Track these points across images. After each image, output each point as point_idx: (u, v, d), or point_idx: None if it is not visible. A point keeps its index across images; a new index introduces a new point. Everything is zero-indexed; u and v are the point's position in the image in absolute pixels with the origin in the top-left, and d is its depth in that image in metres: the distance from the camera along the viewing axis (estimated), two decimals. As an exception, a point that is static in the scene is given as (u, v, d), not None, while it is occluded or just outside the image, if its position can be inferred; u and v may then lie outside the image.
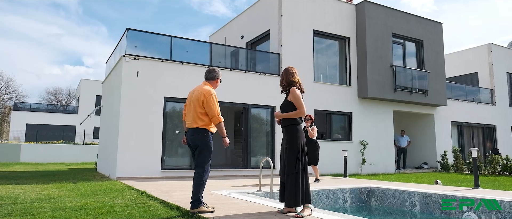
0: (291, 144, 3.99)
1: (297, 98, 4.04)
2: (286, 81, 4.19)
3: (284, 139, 4.13)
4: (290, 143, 4.00)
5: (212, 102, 4.12)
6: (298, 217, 3.84)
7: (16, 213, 4.13)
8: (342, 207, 6.61)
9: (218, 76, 4.41)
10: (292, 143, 3.99)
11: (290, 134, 4.03)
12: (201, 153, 4.08)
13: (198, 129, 4.10)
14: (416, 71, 13.84)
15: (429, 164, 14.66)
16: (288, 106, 4.09)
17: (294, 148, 3.97)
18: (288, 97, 4.11)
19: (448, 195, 5.87)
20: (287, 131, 4.06)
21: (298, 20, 11.96)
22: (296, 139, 4.00)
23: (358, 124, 12.69)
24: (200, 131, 4.09)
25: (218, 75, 4.43)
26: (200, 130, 4.09)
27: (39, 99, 47.87)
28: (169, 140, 9.60)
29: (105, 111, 12.32)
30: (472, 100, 16.61)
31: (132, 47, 9.61)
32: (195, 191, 4.00)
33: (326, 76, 12.95)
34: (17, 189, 6.46)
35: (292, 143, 3.99)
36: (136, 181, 8.04)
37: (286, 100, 4.15)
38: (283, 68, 4.33)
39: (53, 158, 18.38)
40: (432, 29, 14.58)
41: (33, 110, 32.93)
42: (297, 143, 3.98)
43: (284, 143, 4.11)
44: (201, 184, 4.02)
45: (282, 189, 4.09)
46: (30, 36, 68.25)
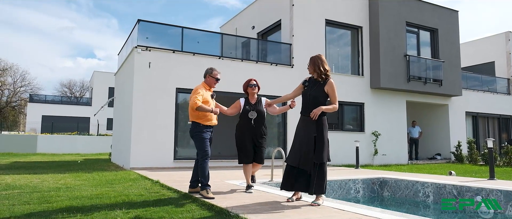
0: (323, 133, 3.98)
1: (334, 92, 4.05)
2: (321, 69, 4.05)
3: (310, 129, 3.99)
4: (322, 133, 3.98)
5: (194, 94, 4.51)
6: (314, 205, 3.88)
7: (34, 201, 4.25)
8: (354, 198, 6.59)
9: (207, 73, 4.76)
10: (324, 132, 4.00)
11: (322, 124, 4.01)
12: (195, 143, 4.60)
13: (192, 122, 4.60)
14: (431, 61, 13.57)
15: (443, 155, 14.46)
16: (322, 97, 4.03)
17: (325, 138, 4.01)
18: (325, 87, 4.02)
19: (463, 186, 5.79)
20: (318, 121, 3.98)
21: (310, 9, 11.82)
22: (326, 129, 4.07)
23: (371, 115, 12.56)
24: (192, 124, 4.60)
25: (208, 73, 4.76)
26: (193, 123, 4.60)
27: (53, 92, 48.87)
28: (181, 131, 9.69)
29: (118, 102, 12.49)
30: (487, 90, 16.23)
31: (144, 39, 9.67)
32: (194, 173, 4.73)
33: (338, 66, 12.82)
34: (35, 178, 6.64)
35: (324, 133, 4.00)
36: (149, 171, 8.17)
37: (320, 90, 4.03)
38: (313, 55, 4.18)
39: (69, 149, 18.79)
40: (447, 18, 14.23)
41: (48, 102, 33.61)
42: (327, 133, 4.06)
43: (309, 133, 3.99)
44: (200, 168, 4.50)
45: (294, 178, 4.03)
46: (42, 30, 69.42)
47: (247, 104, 5.01)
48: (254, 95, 5.08)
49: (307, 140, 3.98)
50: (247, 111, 4.94)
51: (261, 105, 5.02)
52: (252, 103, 5.02)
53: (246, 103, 5.02)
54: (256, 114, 4.91)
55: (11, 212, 3.62)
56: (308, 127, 4.01)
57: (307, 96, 4.11)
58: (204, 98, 4.52)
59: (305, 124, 4.05)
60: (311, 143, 3.95)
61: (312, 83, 4.14)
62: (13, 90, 39.97)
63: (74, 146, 19.14)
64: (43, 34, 70.31)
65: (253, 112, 4.90)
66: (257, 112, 4.93)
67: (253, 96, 5.07)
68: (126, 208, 3.88)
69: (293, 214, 3.51)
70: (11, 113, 39.65)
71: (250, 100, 5.04)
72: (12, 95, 40.08)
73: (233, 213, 3.43)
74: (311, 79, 4.19)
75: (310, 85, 4.14)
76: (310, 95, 4.07)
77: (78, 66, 75.68)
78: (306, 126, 4.03)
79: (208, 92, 4.67)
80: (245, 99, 5.08)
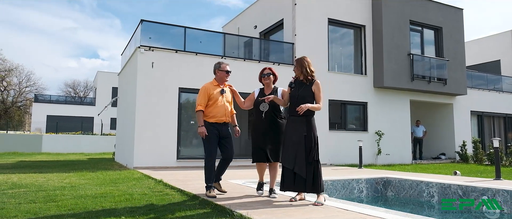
0: (313, 133, 4.09)
1: (320, 92, 4.19)
2: (308, 71, 4.18)
3: (300, 129, 4.08)
4: (312, 132, 4.09)
5: (198, 95, 4.54)
6: (317, 205, 3.87)
7: (40, 200, 4.28)
8: (357, 197, 6.57)
9: (215, 68, 4.68)
10: (313, 132, 4.11)
11: (311, 124, 4.14)
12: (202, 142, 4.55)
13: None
14: (435, 60, 13.49)
15: (447, 154, 14.37)
16: (310, 96, 4.14)
17: (315, 137, 4.10)
18: (313, 88, 4.16)
19: (468, 186, 5.75)
20: (308, 121, 4.10)
21: (312, 8, 11.79)
22: (315, 129, 4.17)
23: (374, 114, 12.51)
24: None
25: (216, 68, 4.68)
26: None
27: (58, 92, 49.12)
28: (184, 130, 9.71)
29: (122, 102, 12.54)
30: (493, 89, 16.11)
31: (147, 39, 9.69)
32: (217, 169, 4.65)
33: (341, 65, 12.77)
34: (40, 177, 6.69)
35: (314, 132, 4.11)
36: (152, 170, 8.19)
37: (308, 90, 4.15)
38: (298, 57, 4.32)
39: (73, 148, 18.90)
40: (452, 16, 14.14)
41: (53, 102, 33.84)
42: (316, 132, 4.15)
43: (299, 132, 4.07)
44: (204, 169, 4.47)
45: (292, 178, 4.05)
46: (46, 31, 69.82)
47: (260, 95, 4.55)
48: (270, 85, 4.58)
49: (298, 140, 4.05)
50: (259, 102, 4.47)
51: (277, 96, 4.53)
52: (266, 94, 4.55)
53: (260, 94, 4.58)
54: (268, 106, 4.39)
55: (17, 211, 3.65)
56: (298, 127, 4.10)
57: (295, 97, 4.19)
58: (211, 97, 4.48)
59: (294, 124, 4.13)
60: (301, 142, 4.04)
61: (298, 85, 4.23)
62: (18, 91, 40.28)
63: (78, 145, 19.25)
64: (47, 34, 70.81)
65: (264, 104, 4.40)
66: (270, 104, 4.41)
67: (269, 87, 4.58)
68: (129, 207, 3.90)
69: (296, 213, 3.51)
70: (16, 112, 39.95)
71: (265, 91, 4.58)
72: (18, 96, 40.38)
73: (236, 212, 3.43)
74: (297, 81, 4.28)
75: (297, 87, 4.23)
76: (299, 96, 4.15)
77: (81, 66, 76.13)
78: (295, 126, 4.12)
79: (217, 89, 4.56)
80: (260, 90, 4.65)
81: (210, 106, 4.50)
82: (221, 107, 4.51)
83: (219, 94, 4.55)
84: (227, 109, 4.59)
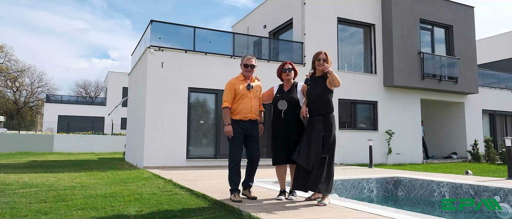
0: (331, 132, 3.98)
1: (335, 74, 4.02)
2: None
3: (318, 128, 3.97)
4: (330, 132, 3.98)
5: (224, 91, 4.32)
6: (320, 205, 3.84)
7: (51, 200, 4.33)
8: (367, 197, 6.50)
9: (241, 63, 4.41)
10: (332, 131, 4.00)
11: (330, 122, 4.01)
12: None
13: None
14: (445, 58, 13.29)
15: (459, 154, 14.15)
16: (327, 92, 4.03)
17: (333, 137, 4.00)
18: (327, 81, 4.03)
19: (480, 186, 5.65)
20: (326, 120, 3.99)
21: (322, 8, 11.72)
22: (334, 127, 4.03)
23: (384, 113, 12.39)
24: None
25: (241, 62, 4.42)
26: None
27: (69, 92, 49.85)
28: (193, 130, 9.75)
29: (132, 102, 12.65)
30: (505, 87, 15.81)
31: (157, 39, 9.76)
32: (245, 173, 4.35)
33: (351, 64, 12.68)
34: (51, 177, 6.78)
35: (332, 132, 4.00)
36: (162, 170, 8.24)
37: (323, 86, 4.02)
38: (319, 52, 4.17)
39: (84, 148, 19.14)
40: (462, 14, 13.91)
41: (64, 102, 34.32)
42: (334, 131, 4.03)
43: (317, 132, 3.96)
44: (229, 171, 4.21)
45: (304, 177, 4.00)
46: (58, 32, 70.81)
47: (279, 92, 4.29)
48: (290, 81, 4.30)
49: (316, 140, 3.96)
50: (277, 99, 4.20)
51: (296, 92, 4.22)
52: (285, 91, 4.26)
53: (278, 91, 4.32)
54: (287, 104, 4.09)
55: (28, 210, 3.70)
56: (316, 125, 4.00)
57: (312, 95, 4.06)
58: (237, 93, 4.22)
59: (313, 122, 4.05)
60: (320, 142, 3.94)
61: (314, 81, 4.11)
62: (30, 91, 41.02)
63: (89, 145, 19.48)
64: (58, 35, 71.81)
65: (282, 101, 4.09)
66: (288, 101, 4.10)
67: (288, 83, 4.30)
68: (139, 206, 3.92)
69: (306, 213, 3.48)
70: (28, 113, 40.65)
71: (284, 88, 4.31)
72: (30, 96, 41.12)
73: (245, 212, 3.42)
74: (312, 77, 4.16)
75: (313, 83, 4.11)
76: (316, 95, 4.04)
77: (92, 66, 77.04)
78: (313, 124, 4.02)
79: (243, 84, 4.29)
80: (279, 86, 4.39)
81: (235, 102, 4.23)
82: (246, 104, 4.20)
83: (245, 89, 4.25)
84: (254, 105, 4.25)
